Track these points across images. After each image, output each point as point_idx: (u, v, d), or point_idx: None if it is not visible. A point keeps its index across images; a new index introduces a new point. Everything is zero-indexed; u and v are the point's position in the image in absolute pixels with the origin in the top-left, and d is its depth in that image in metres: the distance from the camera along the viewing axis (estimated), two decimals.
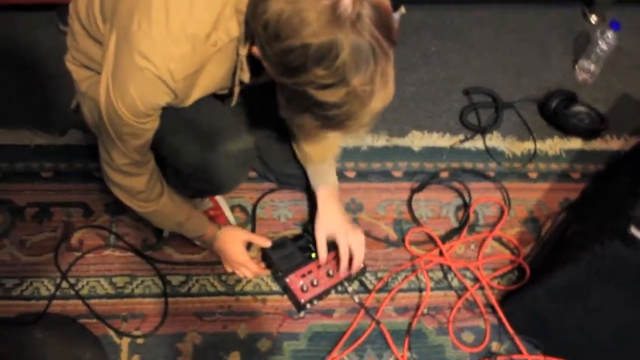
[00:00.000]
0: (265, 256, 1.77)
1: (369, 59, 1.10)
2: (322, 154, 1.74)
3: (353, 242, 1.72)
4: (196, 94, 1.35)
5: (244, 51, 1.29)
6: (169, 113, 1.35)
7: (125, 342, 1.64)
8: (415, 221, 1.91)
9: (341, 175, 1.95)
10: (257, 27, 1.15)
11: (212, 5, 1.22)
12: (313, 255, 1.76)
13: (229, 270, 1.76)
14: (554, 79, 2.25)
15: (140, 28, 1.21)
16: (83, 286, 1.70)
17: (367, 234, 1.86)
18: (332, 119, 1.18)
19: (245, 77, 1.35)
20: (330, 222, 1.73)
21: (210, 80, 1.34)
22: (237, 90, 1.41)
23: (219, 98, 1.48)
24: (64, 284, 1.69)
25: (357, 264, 1.73)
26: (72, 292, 1.68)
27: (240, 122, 1.53)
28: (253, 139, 1.50)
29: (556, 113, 2.11)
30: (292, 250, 1.77)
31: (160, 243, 1.79)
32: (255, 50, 1.22)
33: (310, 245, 1.78)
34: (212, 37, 1.24)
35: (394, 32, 1.17)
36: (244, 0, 1.20)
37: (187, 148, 1.44)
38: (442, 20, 2.35)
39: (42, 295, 1.67)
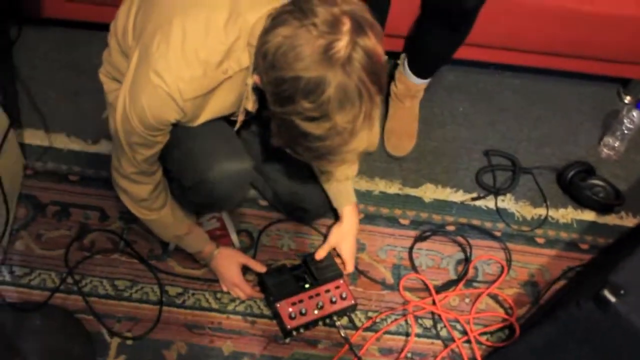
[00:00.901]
0: (261, 281, 1.83)
1: (354, 100, 1.20)
2: (344, 172, 1.82)
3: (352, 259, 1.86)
4: (205, 116, 1.46)
5: (250, 81, 1.40)
6: (178, 129, 1.46)
7: (115, 341, 1.73)
8: (414, 268, 1.94)
9: None
10: (258, 56, 1.27)
11: (226, 36, 1.34)
12: (307, 285, 1.82)
13: (225, 289, 1.83)
14: (577, 152, 2.27)
15: (158, 49, 1.34)
16: (86, 284, 1.80)
17: (365, 275, 1.91)
18: (316, 151, 1.28)
19: (250, 105, 1.45)
20: (344, 239, 1.87)
21: (219, 105, 1.45)
22: (241, 117, 1.51)
23: (228, 122, 1.58)
24: (69, 280, 1.79)
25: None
26: (75, 288, 1.78)
27: (241, 144, 1.62)
28: (252, 162, 1.59)
29: (572, 183, 2.12)
30: (287, 278, 1.82)
31: (165, 255, 1.88)
32: (256, 78, 1.32)
33: (306, 276, 1.84)
34: (223, 65, 1.36)
35: (382, 80, 1.26)
36: (255, 34, 1.31)
37: (190, 163, 1.54)
38: (474, 82, 2.41)
39: (47, 287, 1.78)
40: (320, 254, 1.84)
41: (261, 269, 1.84)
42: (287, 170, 1.88)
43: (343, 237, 1.85)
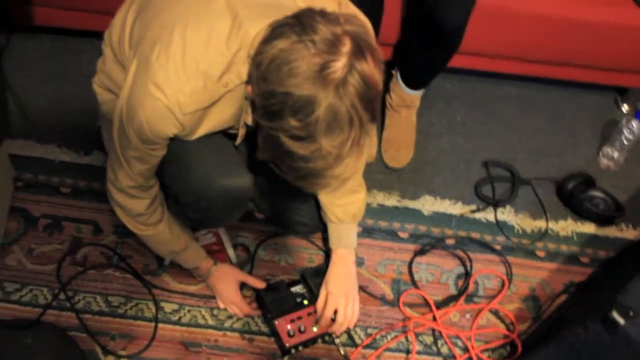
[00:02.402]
0: (259, 297, 1.79)
1: (343, 125, 1.15)
2: (340, 213, 1.75)
3: (346, 312, 1.74)
4: (203, 129, 1.41)
5: (248, 90, 1.35)
6: (175, 143, 1.42)
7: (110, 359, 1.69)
8: (414, 283, 1.91)
9: None
10: (252, 65, 1.22)
11: (227, 48, 1.29)
12: (305, 302, 1.78)
13: (221, 306, 1.80)
14: (576, 163, 2.25)
15: (158, 59, 1.29)
16: (79, 300, 1.76)
17: (364, 290, 1.88)
18: (299, 171, 1.22)
19: (249, 119, 1.40)
20: (332, 286, 1.76)
21: (218, 119, 1.41)
22: (242, 131, 1.46)
23: (228, 137, 1.54)
24: (62, 296, 1.75)
25: (339, 329, 1.75)
26: (68, 305, 1.74)
27: (241, 160, 1.58)
28: (252, 178, 1.55)
29: (572, 195, 2.10)
30: (286, 295, 1.79)
31: (161, 270, 1.83)
32: (249, 88, 1.27)
33: (305, 292, 1.80)
34: (224, 78, 1.31)
35: (376, 107, 1.21)
36: (256, 46, 1.26)
37: (187, 179, 1.49)
38: (472, 91, 2.39)
39: (39, 304, 1.73)
40: (323, 323, 1.75)
41: (260, 285, 1.80)
42: (284, 182, 1.84)
43: (330, 286, 1.75)
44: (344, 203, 1.74)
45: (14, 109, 2.07)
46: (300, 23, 1.16)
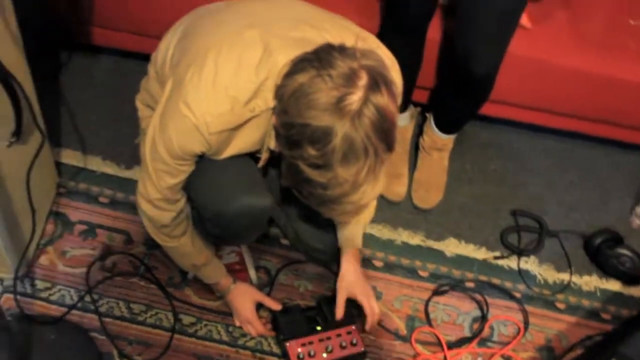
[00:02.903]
0: (274, 319, 1.84)
1: (359, 154, 1.21)
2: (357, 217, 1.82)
3: (373, 307, 1.79)
4: (230, 150, 1.49)
5: (273, 120, 1.42)
6: (204, 161, 1.50)
7: None
8: (429, 322, 1.92)
9: (369, 264, 2.02)
10: (276, 98, 1.29)
11: (256, 75, 1.37)
12: (318, 327, 1.82)
13: (237, 324, 1.84)
14: (607, 220, 2.24)
15: (191, 81, 1.38)
16: (103, 304, 1.83)
17: (378, 323, 1.90)
18: (318, 197, 1.29)
19: (272, 143, 1.47)
20: (352, 284, 1.80)
21: (244, 141, 1.48)
22: (265, 155, 1.53)
23: (254, 159, 1.62)
24: (87, 298, 1.83)
25: (372, 324, 1.80)
26: (92, 307, 1.82)
27: (263, 181, 1.65)
28: (272, 199, 1.61)
29: (599, 251, 2.09)
30: (300, 319, 1.83)
31: (184, 284, 1.90)
32: (274, 118, 1.35)
33: (319, 319, 1.84)
34: (251, 103, 1.39)
35: (392, 137, 1.26)
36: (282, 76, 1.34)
37: (211, 195, 1.56)
38: (508, 142, 2.42)
39: (66, 303, 1.82)
40: (339, 314, 1.80)
41: (276, 306, 1.84)
42: (310, 211, 1.90)
43: (350, 284, 1.80)
44: None
45: (67, 121, 2.20)
46: (319, 58, 1.23)
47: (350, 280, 1.80)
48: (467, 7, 1.81)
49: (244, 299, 1.82)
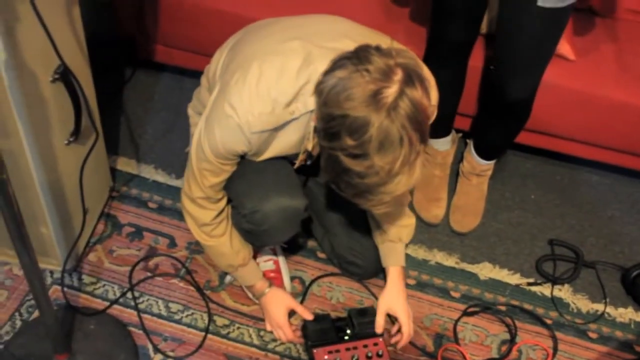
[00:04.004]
0: (304, 326, 1.89)
1: (395, 143, 1.27)
2: (397, 232, 1.88)
3: (410, 326, 1.84)
4: (270, 152, 1.59)
5: (313, 123, 1.51)
6: (244, 162, 1.60)
7: (157, 357, 1.83)
8: (456, 340, 1.94)
9: None
10: (316, 93, 1.37)
11: (297, 80, 1.47)
12: (347, 337, 1.86)
13: (269, 328, 1.90)
14: None
15: (236, 84, 1.49)
16: (143, 301, 1.93)
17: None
18: (355, 187, 1.35)
19: (310, 145, 1.56)
20: (395, 301, 1.86)
21: (284, 143, 1.58)
22: (302, 156, 1.62)
23: (291, 163, 1.70)
24: (129, 295, 1.93)
25: (404, 342, 1.85)
26: (132, 303, 1.92)
27: (299, 184, 1.73)
28: (305, 202, 1.70)
29: (634, 283, 2.07)
30: (329, 327, 1.87)
31: (221, 288, 1.98)
32: (314, 117, 1.43)
33: (347, 329, 1.88)
34: (291, 106, 1.49)
35: (425, 129, 1.33)
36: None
37: (248, 192, 1.66)
38: (551, 173, 2.43)
39: (108, 298, 1.92)
40: (379, 328, 1.85)
41: (308, 316, 1.89)
42: (347, 225, 1.97)
43: (392, 301, 1.85)
44: (404, 224, 1.88)
45: (126, 131, 2.35)
46: (357, 56, 1.31)
47: (393, 296, 1.86)
48: (503, 34, 1.87)
49: (278, 304, 1.88)
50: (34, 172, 1.65)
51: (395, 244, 1.90)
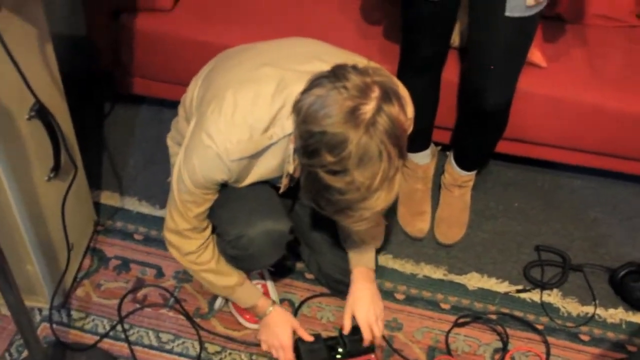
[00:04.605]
0: (296, 346, 1.88)
1: (374, 159, 1.29)
2: (363, 238, 1.87)
3: (371, 324, 1.81)
4: (251, 178, 1.60)
5: (292, 145, 1.52)
6: (226, 189, 1.61)
7: None
8: (449, 352, 1.94)
9: (390, 296, 2.06)
10: (294, 112, 1.38)
11: (272, 105, 1.49)
12: (338, 356, 1.85)
13: (264, 348, 1.87)
14: (634, 255, 2.23)
15: (212, 114, 1.51)
16: (133, 333, 1.92)
17: (399, 353, 1.93)
18: (336, 204, 1.36)
19: (291, 168, 1.57)
20: (357, 303, 1.83)
21: (264, 169, 1.59)
22: (285, 181, 1.63)
23: (276, 189, 1.71)
24: (119, 327, 1.93)
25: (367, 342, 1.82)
26: (123, 336, 1.91)
27: (282, 207, 1.73)
28: (290, 224, 1.70)
29: (622, 283, 2.08)
30: (320, 347, 1.86)
31: (210, 314, 1.98)
32: (292, 137, 1.44)
33: (339, 347, 1.87)
34: (269, 131, 1.50)
35: (403, 144, 1.34)
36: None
37: (232, 218, 1.67)
38: (533, 180, 2.45)
39: (98, 332, 1.92)
40: (346, 328, 1.84)
41: (308, 338, 1.86)
42: (332, 244, 1.97)
43: (355, 304, 1.83)
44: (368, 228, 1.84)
45: (107, 165, 2.36)
46: (335, 74, 1.33)
47: (355, 298, 1.83)
48: (474, 45, 1.90)
49: (283, 324, 1.85)
50: (16, 209, 1.66)
51: (360, 247, 1.88)
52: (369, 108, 1.28)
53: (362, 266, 1.87)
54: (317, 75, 1.36)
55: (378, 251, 1.98)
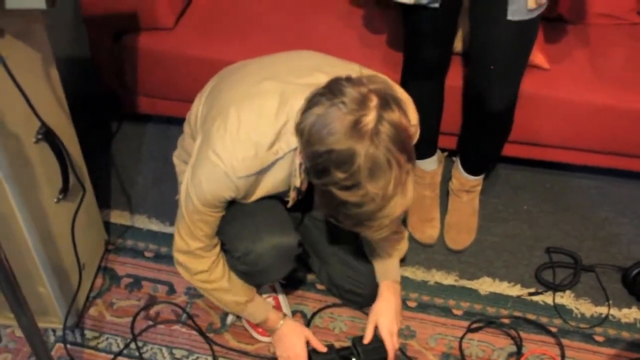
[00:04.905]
0: (310, 358, 1.88)
1: (384, 168, 1.30)
2: (387, 251, 1.89)
3: (392, 335, 1.82)
4: (258, 193, 1.60)
5: (298, 160, 1.53)
6: (234, 205, 1.61)
7: None
8: (463, 358, 1.93)
9: (402, 304, 2.04)
10: (297, 134, 1.40)
11: (276, 121, 1.49)
12: None
13: None
14: None
15: (217, 132, 1.52)
16: (147, 350, 1.93)
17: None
18: (354, 217, 1.37)
19: (297, 182, 1.58)
20: (381, 316, 1.84)
21: (271, 183, 1.59)
22: (293, 194, 1.64)
23: (284, 203, 1.72)
24: (132, 345, 1.93)
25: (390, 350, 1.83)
26: (137, 354, 1.91)
27: (290, 221, 1.74)
28: (298, 238, 1.71)
29: (635, 282, 2.07)
30: (334, 357, 1.86)
31: (223, 329, 1.98)
32: (299, 156, 1.45)
33: (353, 358, 1.87)
34: (274, 147, 1.51)
35: (410, 148, 1.35)
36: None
37: (240, 234, 1.67)
38: (541, 182, 2.45)
39: (112, 350, 1.92)
40: (367, 337, 1.85)
41: (322, 348, 1.86)
42: (342, 254, 1.97)
43: (380, 314, 1.85)
44: (389, 243, 1.88)
45: (117, 184, 2.37)
46: (330, 90, 1.34)
47: (379, 311, 1.84)
48: (477, 49, 1.91)
49: (297, 335, 1.85)
50: (26, 232, 1.67)
51: (385, 260, 1.90)
52: (369, 119, 1.29)
53: (388, 279, 1.89)
54: (314, 93, 1.37)
55: None
